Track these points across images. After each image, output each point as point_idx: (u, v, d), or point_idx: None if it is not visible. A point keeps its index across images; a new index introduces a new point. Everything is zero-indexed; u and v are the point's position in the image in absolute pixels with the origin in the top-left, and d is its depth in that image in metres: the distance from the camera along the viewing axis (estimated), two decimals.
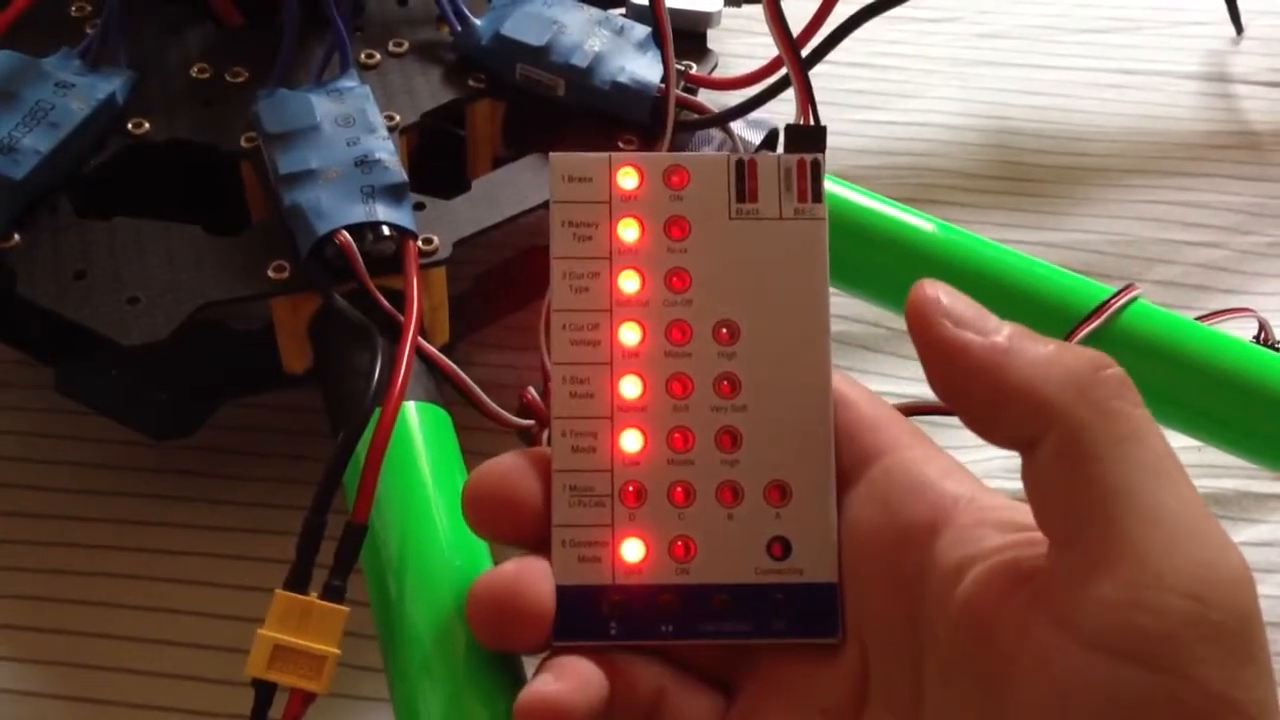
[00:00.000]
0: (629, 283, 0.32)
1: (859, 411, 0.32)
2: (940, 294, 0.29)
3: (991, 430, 0.28)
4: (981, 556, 0.28)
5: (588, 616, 0.31)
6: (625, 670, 0.31)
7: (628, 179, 0.32)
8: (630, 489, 0.31)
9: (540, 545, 0.31)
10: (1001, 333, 0.28)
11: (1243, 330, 0.50)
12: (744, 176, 0.32)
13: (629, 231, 0.32)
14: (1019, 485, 0.51)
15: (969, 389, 0.28)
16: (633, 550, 0.31)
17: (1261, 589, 0.49)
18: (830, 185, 0.48)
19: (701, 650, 0.31)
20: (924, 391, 0.55)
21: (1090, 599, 0.25)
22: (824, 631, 0.31)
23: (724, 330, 0.32)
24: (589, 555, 0.31)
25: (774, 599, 0.31)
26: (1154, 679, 0.24)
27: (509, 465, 0.32)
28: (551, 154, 0.32)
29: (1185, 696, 0.24)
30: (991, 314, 0.29)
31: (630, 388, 0.31)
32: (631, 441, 0.31)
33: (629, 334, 0.31)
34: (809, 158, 0.32)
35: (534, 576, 0.31)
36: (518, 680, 0.34)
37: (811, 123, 0.34)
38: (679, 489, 0.31)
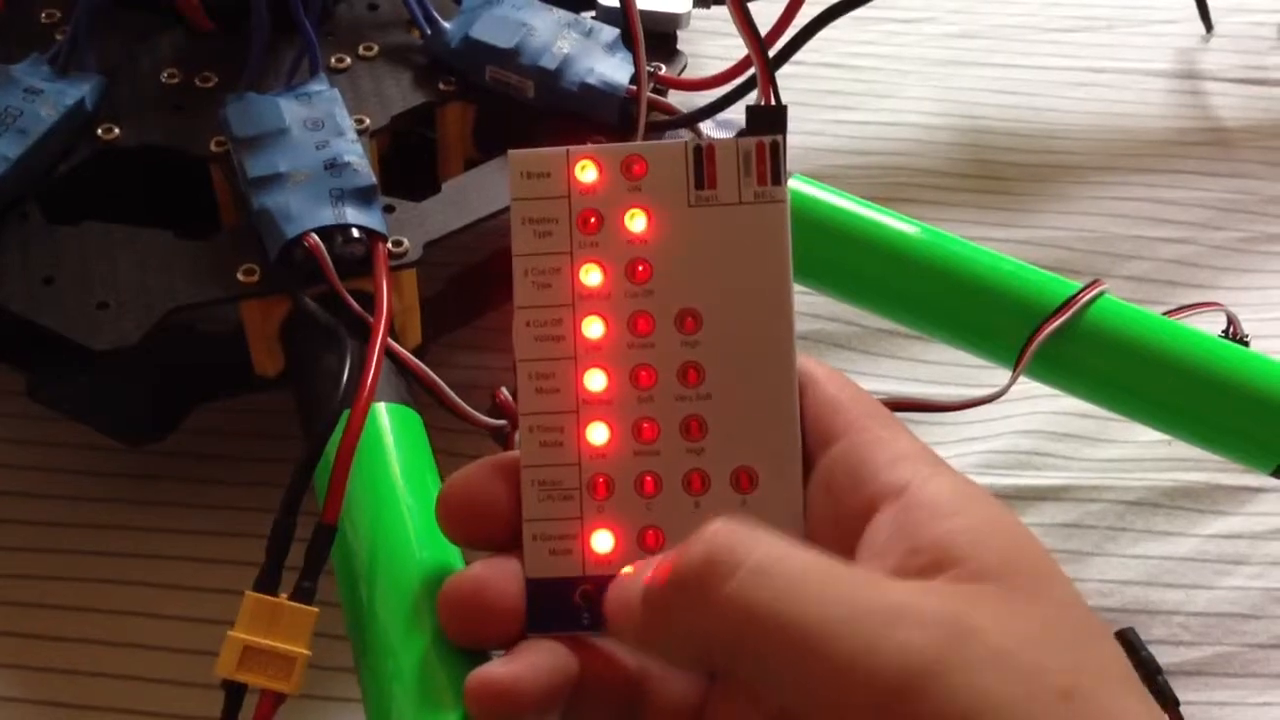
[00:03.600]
0: (591, 276, 0.32)
1: (821, 391, 0.32)
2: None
3: None
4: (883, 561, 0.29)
5: (560, 608, 0.31)
6: (603, 653, 0.31)
7: (586, 172, 0.32)
8: (599, 481, 0.32)
9: (513, 547, 0.32)
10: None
11: (1212, 325, 0.50)
12: (702, 163, 0.32)
13: (588, 225, 0.32)
14: (992, 480, 0.52)
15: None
16: (603, 541, 0.31)
17: (1231, 580, 0.50)
18: (803, 185, 0.49)
19: None
20: (898, 388, 0.56)
21: None
22: None
23: (687, 319, 0.32)
24: (560, 548, 0.31)
25: None
26: None
27: (477, 472, 0.32)
28: (510, 151, 0.32)
29: None
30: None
31: (595, 381, 0.32)
32: (598, 434, 0.32)
33: (593, 327, 0.32)
34: (768, 140, 0.32)
35: (500, 573, 0.31)
36: None
37: (772, 102, 0.33)
38: (647, 479, 0.32)
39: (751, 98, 0.48)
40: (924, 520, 0.28)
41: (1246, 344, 0.51)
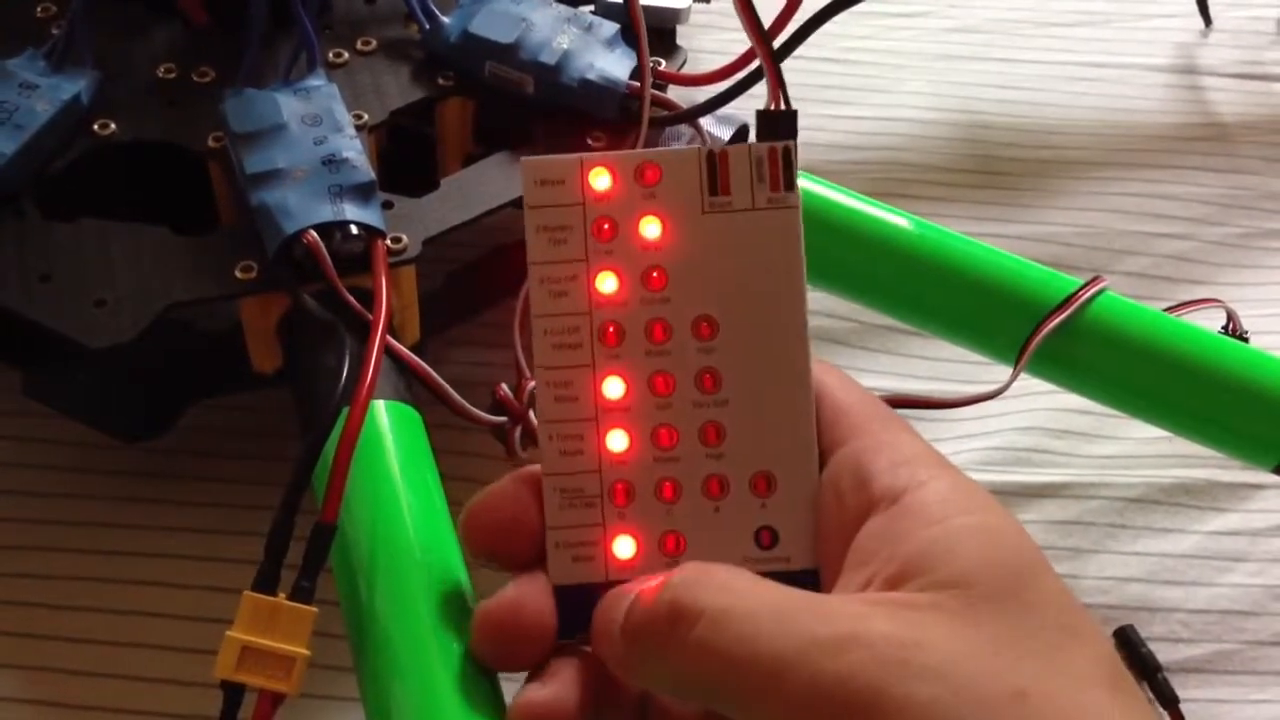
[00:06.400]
0: (607, 283, 0.32)
1: (830, 396, 0.32)
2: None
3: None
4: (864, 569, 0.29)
5: (585, 614, 0.31)
6: None
7: (600, 179, 0.32)
8: (619, 487, 0.32)
9: (535, 563, 0.32)
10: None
11: (1211, 321, 0.50)
12: (716, 169, 0.32)
13: (603, 232, 0.32)
14: (991, 477, 0.52)
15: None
16: (624, 547, 0.32)
17: (1231, 577, 0.50)
18: (802, 181, 0.48)
19: None
20: (897, 385, 0.56)
21: None
22: None
23: (703, 326, 0.32)
24: (582, 555, 0.32)
25: None
26: None
27: (502, 491, 0.32)
28: (522, 159, 0.32)
29: None
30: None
31: (613, 388, 0.32)
32: (618, 441, 0.32)
33: (609, 335, 0.32)
34: (780, 145, 0.32)
35: (533, 593, 0.31)
36: (489, 677, 0.34)
37: (783, 107, 0.33)
38: (666, 485, 0.32)
39: (753, 92, 0.48)
40: (907, 528, 0.29)
41: (1246, 340, 0.51)
